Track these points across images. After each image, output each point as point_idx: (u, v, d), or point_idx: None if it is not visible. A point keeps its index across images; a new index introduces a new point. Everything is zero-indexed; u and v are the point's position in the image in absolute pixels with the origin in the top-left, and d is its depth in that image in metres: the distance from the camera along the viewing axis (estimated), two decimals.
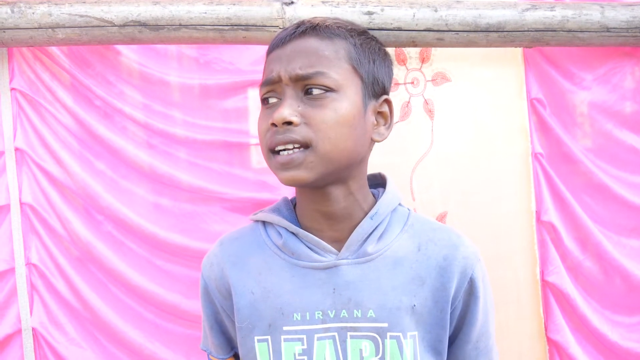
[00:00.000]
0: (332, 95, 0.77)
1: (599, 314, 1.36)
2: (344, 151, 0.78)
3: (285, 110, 0.75)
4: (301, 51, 0.79)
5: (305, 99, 0.77)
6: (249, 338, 0.82)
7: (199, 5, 1.15)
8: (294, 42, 0.80)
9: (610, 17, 1.23)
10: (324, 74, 0.77)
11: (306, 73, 0.77)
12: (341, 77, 0.78)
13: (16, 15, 1.13)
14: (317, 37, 0.80)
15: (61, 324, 1.25)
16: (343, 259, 0.81)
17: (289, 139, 0.76)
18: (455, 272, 0.81)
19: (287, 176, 0.77)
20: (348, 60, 0.80)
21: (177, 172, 1.27)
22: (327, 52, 0.79)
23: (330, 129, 0.76)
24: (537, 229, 1.34)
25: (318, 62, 0.78)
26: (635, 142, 1.37)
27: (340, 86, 0.78)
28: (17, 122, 1.24)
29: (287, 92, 0.78)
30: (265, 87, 0.81)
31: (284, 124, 0.75)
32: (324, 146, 0.76)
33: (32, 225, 1.25)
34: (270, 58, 0.82)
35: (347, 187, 0.82)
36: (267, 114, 0.80)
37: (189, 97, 1.30)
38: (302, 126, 0.76)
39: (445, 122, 1.32)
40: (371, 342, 0.78)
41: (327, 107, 0.77)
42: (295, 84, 0.78)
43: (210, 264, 0.89)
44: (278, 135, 0.76)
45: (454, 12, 1.19)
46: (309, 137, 0.76)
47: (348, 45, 0.81)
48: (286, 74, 0.78)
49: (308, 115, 0.76)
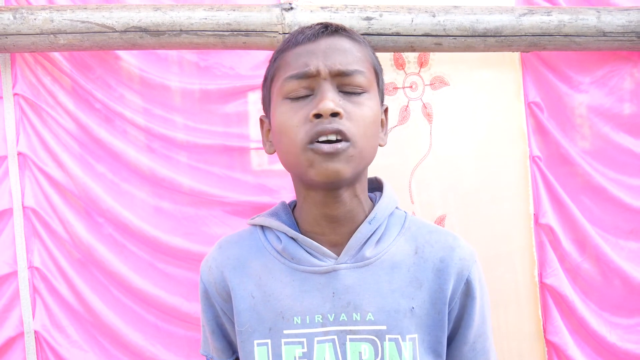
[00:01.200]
0: (366, 94, 0.80)
1: (597, 316, 1.37)
2: (373, 150, 0.81)
3: (332, 102, 0.75)
4: (338, 48, 0.79)
5: (341, 95, 0.78)
6: (248, 342, 0.82)
7: (200, 11, 1.16)
8: (327, 39, 0.80)
9: (607, 21, 1.24)
10: (362, 73, 0.79)
11: (347, 69, 0.78)
12: (370, 79, 0.81)
13: (18, 21, 1.14)
14: (349, 38, 0.82)
15: (63, 327, 1.26)
16: (342, 264, 0.81)
17: (336, 129, 0.75)
18: (452, 273, 0.82)
19: (329, 167, 0.75)
20: (372, 65, 0.83)
21: (178, 176, 1.28)
22: (359, 54, 0.81)
23: (367, 127, 0.78)
24: (536, 231, 1.34)
25: (355, 61, 0.79)
26: (633, 145, 1.38)
27: (371, 87, 0.81)
28: (20, 127, 1.25)
29: (325, 86, 0.77)
30: (299, 81, 0.79)
31: (331, 115, 0.75)
32: (362, 142, 0.77)
33: (34, 229, 1.26)
34: (298, 52, 0.80)
35: (354, 190, 0.83)
36: (299, 107, 0.78)
37: (189, 102, 1.31)
38: (345, 120, 0.76)
39: (443, 125, 1.33)
40: (370, 345, 0.79)
41: (364, 105, 0.79)
42: (333, 79, 0.78)
43: (209, 267, 0.89)
44: (325, 125, 0.75)
45: (451, 17, 1.20)
46: (352, 132, 0.76)
47: (370, 51, 0.84)
48: (326, 68, 0.78)
49: (348, 110, 0.77)
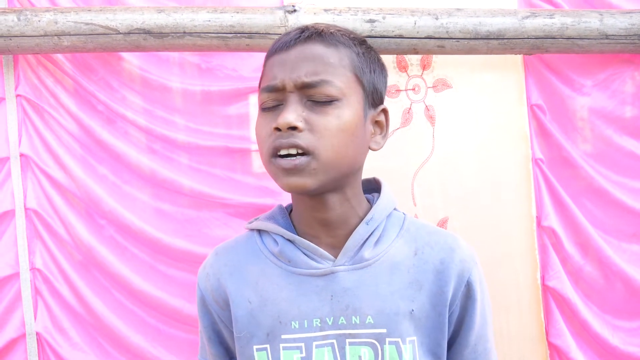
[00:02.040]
0: (336, 102, 0.77)
1: (599, 319, 1.37)
2: (345, 159, 0.78)
3: (290, 115, 0.74)
4: (306, 57, 0.78)
5: (308, 104, 0.77)
6: (247, 347, 0.81)
7: (203, 14, 1.16)
8: (298, 48, 0.79)
9: (609, 24, 1.24)
10: (329, 82, 0.76)
11: (312, 81, 0.76)
12: (345, 85, 0.78)
13: (22, 23, 1.14)
14: (322, 43, 0.79)
15: (65, 329, 1.26)
16: (340, 265, 0.80)
17: (292, 143, 0.75)
18: (452, 275, 0.80)
19: (290, 182, 0.76)
20: (352, 68, 0.80)
21: (179, 178, 1.28)
22: (332, 60, 0.78)
23: (333, 137, 0.76)
24: (538, 234, 1.34)
25: (323, 70, 0.77)
26: (635, 148, 1.38)
27: (343, 94, 0.77)
28: (22, 128, 1.25)
29: (291, 98, 0.77)
30: (268, 94, 0.79)
31: (289, 128, 0.75)
32: (327, 153, 0.75)
33: (36, 230, 1.26)
34: (272, 62, 0.80)
35: (344, 194, 0.82)
36: (269, 118, 0.78)
37: (191, 103, 1.31)
38: (305, 132, 0.75)
39: (446, 128, 1.33)
40: (370, 348, 0.78)
41: (330, 115, 0.76)
42: (300, 90, 0.77)
43: (206, 274, 0.88)
44: (282, 139, 0.75)
45: (454, 20, 1.20)
46: (312, 144, 0.75)
47: (351, 54, 0.81)
48: (291, 81, 0.77)
49: (312, 122, 0.75)
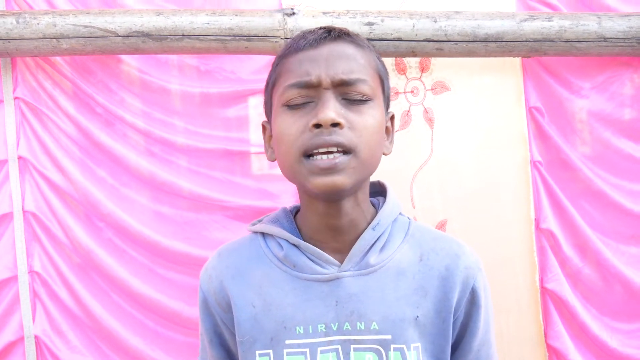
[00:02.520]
0: (370, 102, 0.77)
1: (598, 321, 1.37)
2: (377, 159, 0.79)
3: (332, 112, 0.73)
4: (341, 55, 0.77)
5: (344, 103, 0.76)
6: (250, 352, 0.80)
7: (202, 16, 1.16)
8: (330, 45, 0.78)
9: (607, 27, 1.25)
10: (365, 82, 0.77)
11: (349, 78, 0.76)
12: (375, 85, 0.79)
13: (21, 25, 1.14)
14: (352, 43, 0.79)
15: (63, 332, 1.25)
16: (345, 271, 0.79)
17: (335, 141, 0.73)
18: (457, 282, 0.80)
19: (327, 182, 0.74)
20: (377, 70, 0.81)
21: (178, 180, 1.28)
22: (363, 61, 0.78)
23: (370, 136, 0.76)
24: (537, 236, 1.34)
25: (358, 69, 0.77)
26: (633, 150, 1.38)
27: (375, 95, 0.78)
28: (20, 131, 1.25)
29: (327, 95, 0.75)
30: (299, 90, 0.77)
31: (331, 125, 0.73)
32: (365, 152, 0.75)
33: (34, 233, 1.26)
34: (299, 59, 0.78)
35: (356, 199, 0.81)
36: (299, 116, 0.76)
37: (190, 106, 1.31)
38: (346, 129, 0.74)
39: (444, 130, 1.33)
40: (375, 354, 0.77)
41: (367, 114, 0.76)
42: (335, 88, 0.76)
43: (208, 276, 0.87)
44: (323, 137, 0.73)
45: (453, 23, 1.21)
46: (354, 142, 0.74)
47: (374, 57, 0.82)
48: (327, 77, 0.75)
49: (351, 120, 0.75)
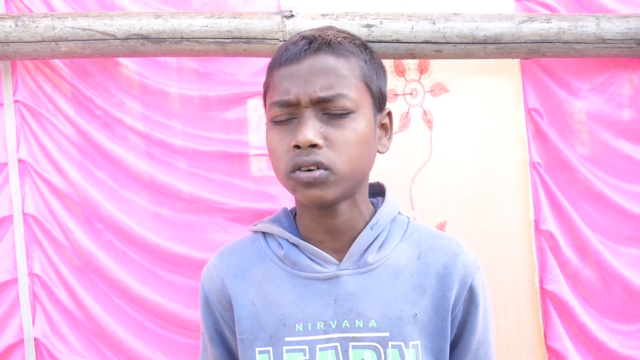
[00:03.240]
0: (352, 115, 0.77)
1: (597, 322, 1.37)
2: (361, 169, 0.80)
3: (309, 133, 0.75)
4: (319, 71, 0.77)
5: (324, 118, 0.77)
6: (250, 349, 0.82)
7: (201, 19, 1.17)
8: (309, 60, 0.78)
9: (606, 28, 1.25)
10: (344, 96, 0.77)
11: (327, 95, 0.76)
12: (358, 96, 0.79)
13: (20, 28, 1.14)
14: (332, 54, 0.79)
15: (63, 334, 1.25)
16: (344, 270, 0.81)
17: (314, 161, 0.75)
18: (455, 280, 0.81)
19: (312, 194, 0.77)
20: (362, 78, 0.80)
21: (178, 182, 1.28)
22: (344, 71, 0.78)
23: (350, 150, 0.77)
24: (536, 237, 1.34)
25: (337, 83, 0.77)
26: (632, 151, 1.38)
27: (357, 106, 0.78)
28: (21, 134, 1.25)
29: (307, 114, 0.77)
30: (281, 109, 0.79)
31: (309, 146, 0.75)
32: (344, 167, 0.77)
33: (34, 236, 1.26)
34: (282, 74, 0.79)
35: (353, 200, 0.83)
36: (284, 133, 0.78)
37: (189, 108, 1.31)
38: (325, 149, 0.76)
39: (444, 132, 1.33)
40: (373, 351, 0.79)
41: (347, 128, 0.77)
42: (315, 105, 0.77)
43: (210, 275, 0.89)
44: (303, 157, 0.76)
45: (451, 25, 1.21)
46: (332, 160, 0.76)
47: (360, 62, 0.81)
48: (306, 96, 0.76)
49: (330, 137, 0.76)
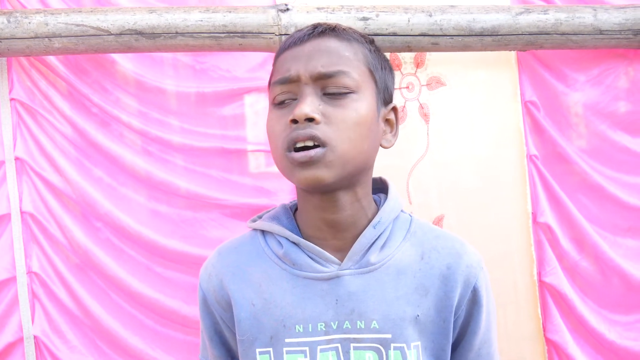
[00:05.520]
0: (352, 95, 0.76)
1: (596, 314, 1.37)
2: (362, 153, 0.78)
3: (307, 107, 0.74)
4: (322, 50, 0.77)
5: (325, 98, 0.76)
6: (250, 350, 0.80)
7: (195, 14, 1.16)
8: (313, 42, 0.78)
9: (603, 19, 1.24)
10: (346, 73, 0.76)
11: (328, 71, 0.76)
12: (360, 78, 0.78)
13: (12, 25, 1.13)
14: (336, 37, 0.79)
15: (62, 332, 1.25)
16: (346, 270, 0.79)
17: (310, 135, 0.73)
18: (459, 281, 0.80)
19: (307, 175, 0.74)
20: (365, 63, 0.80)
21: (175, 179, 1.28)
22: (347, 53, 0.78)
23: (350, 129, 0.75)
24: (534, 230, 1.34)
25: (340, 62, 0.77)
26: (629, 143, 1.38)
27: (359, 87, 0.77)
28: (17, 132, 1.25)
29: (307, 90, 0.76)
30: (281, 87, 0.78)
31: (306, 120, 0.74)
32: (344, 146, 0.75)
33: (32, 234, 1.26)
34: (285, 57, 0.80)
35: (355, 194, 0.81)
36: (283, 114, 0.77)
37: (185, 105, 1.30)
38: (322, 124, 0.74)
39: (440, 125, 1.33)
40: (375, 353, 0.77)
41: (347, 107, 0.76)
42: (315, 82, 0.76)
43: (208, 275, 0.86)
44: (299, 131, 0.74)
45: (448, 17, 1.20)
46: (329, 136, 0.74)
47: (364, 49, 0.81)
48: (306, 72, 0.76)
49: (329, 114, 0.75)
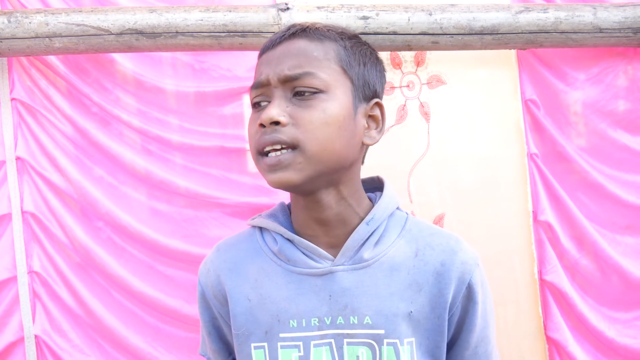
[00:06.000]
0: (321, 95, 0.77)
1: (596, 312, 1.38)
2: (333, 153, 0.77)
3: (273, 111, 0.75)
4: (290, 53, 0.78)
5: (294, 100, 0.77)
6: (245, 345, 0.82)
7: (195, 13, 1.16)
8: (283, 45, 0.80)
9: (603, 18, 1.25)
10: (312, 75, 0.77)
11: (294, 74, 0.76)
12: (330, 77, 0.78)
13: (13, 25, 1.13)
14: (306, 38, 0.80)
15: (64, 331, 1.26)
16: (339, 265, 0.80)
17: (276, 139, 0.75)
18: (453, 277, 0.80)
19: (275, 178, 0.76)
20: (337, 61, 0.80)
21: (175, 178, 1.28)
22: (316, 53, 0.78)
23: (318, 130, 0.75)
24: (534, 228, 1.35)
25: (306, 63, 0.77)
26: (629, 141, 1.38)
27: (328, 87, 0.77)
28: (18, 132, 1.25)
29: (276, 94, 0.77)
30: (255, 91, 0.80)
31: (272, 123, 0.75)
32: (312, 147, 0.75)
33: (33, 233, 1.26)
34: (261, 61, 0.82)
35: (339, 192, 0.81)
36: (257, 117, 0.79)
37: (185, 104, 1.30)
38: (289, 127, 0.75)
39: (441, 124, 1.33)
40: (368, 348, 0.78)
41: (315, 108, 0.76)
42: (284, 85, 0.77)
43: (206, 270, 0.88)
44: (265, 136, 0.76)
45: (448, 16, 1.20)
46: (296, 138, 0.75)
47: (338, 47, 0.81)
48: (275, 75, 0.77)
49: (296, 116, 0.75)
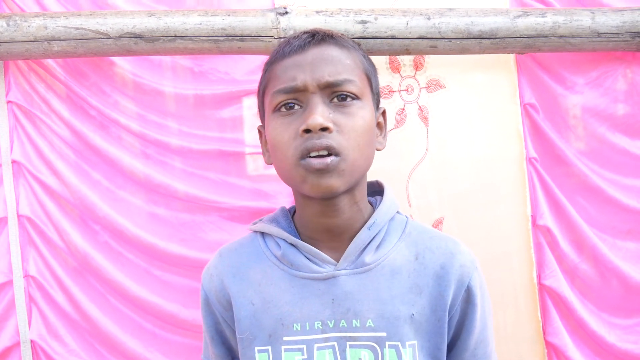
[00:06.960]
0: (357, 103, 0.78)
1: (596, 317, 1.37)
2: (367, 159, 0.80)
3: (320, 117, 0.75)
4: (325, 59, 0.78)
5: (332, 106, 0.77)
6: (249, 349, 0.83)
7: (194, 17, 1.16)
8: (314, 50, 0.79)
9: (601, 22, 1.25)
10: (352, 82, 0.78)
11: (336, 80, 0.77)
12: (362, 85, 0.80)
13: (12, 28, 1.13)
14: (336, 45, 0.81)
15: (60, 336, 1.25)
16: (341, 270, 0.81)
17: (326, 144, 0.75)
18: (452, 280, 0.81)
19: (321, 183, 0.75)
20: (364, 69, 0.82)
21: (173, 182, 1.28)
22: (349, 61, 0.80)
23: (359, 137, 0.77)
24: (533, 233, 1.34)
25: (344, 70, 0.78)
26: (628, 145, 1.38)
27: (362, 94, 0.79)
28: (14, 135, 1.25)
29: (315, 99, 0.77)
30: (285, 96, 0.79)
31: (320, 129, 0.75)
32: (354, 154, 0.76)
33: (29, 237, 1.25)
34: (286, 65, 0.80)
35: (353, 197, 0.82)
36: (289, 122, 0.78)
37: (184, 107, 1.30)
38: (335, 133, 0.75)
39: (439, 128, 1.32)
40: (370, 351, 0.79)
41: (355, 115, 0.77)
42: (322, 91, 0.77)
43: (210, 275, 0.89)
44: (314, 140, 0.75)
45: (446, 20, 1.20)
46: (342, 145, 0.75)
47: (361, 56, 0.83)
48: (313, 81, 0.77)
49: (339, 123, 0.76)
